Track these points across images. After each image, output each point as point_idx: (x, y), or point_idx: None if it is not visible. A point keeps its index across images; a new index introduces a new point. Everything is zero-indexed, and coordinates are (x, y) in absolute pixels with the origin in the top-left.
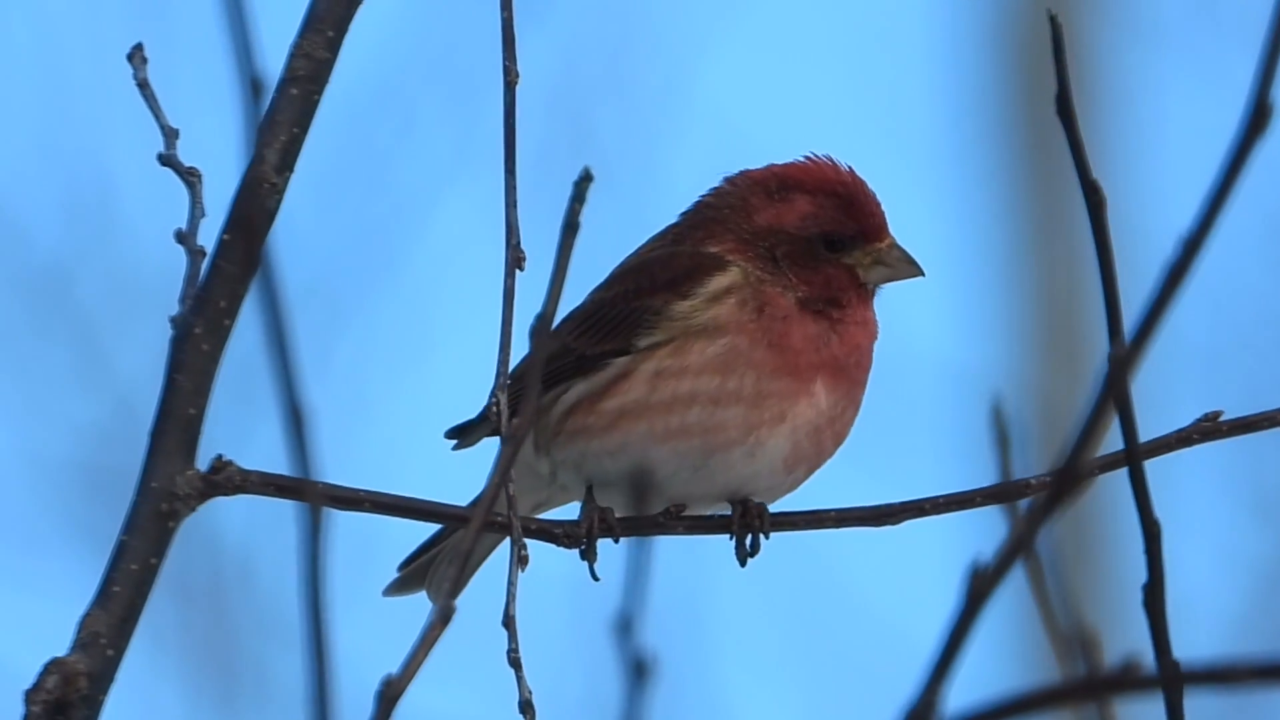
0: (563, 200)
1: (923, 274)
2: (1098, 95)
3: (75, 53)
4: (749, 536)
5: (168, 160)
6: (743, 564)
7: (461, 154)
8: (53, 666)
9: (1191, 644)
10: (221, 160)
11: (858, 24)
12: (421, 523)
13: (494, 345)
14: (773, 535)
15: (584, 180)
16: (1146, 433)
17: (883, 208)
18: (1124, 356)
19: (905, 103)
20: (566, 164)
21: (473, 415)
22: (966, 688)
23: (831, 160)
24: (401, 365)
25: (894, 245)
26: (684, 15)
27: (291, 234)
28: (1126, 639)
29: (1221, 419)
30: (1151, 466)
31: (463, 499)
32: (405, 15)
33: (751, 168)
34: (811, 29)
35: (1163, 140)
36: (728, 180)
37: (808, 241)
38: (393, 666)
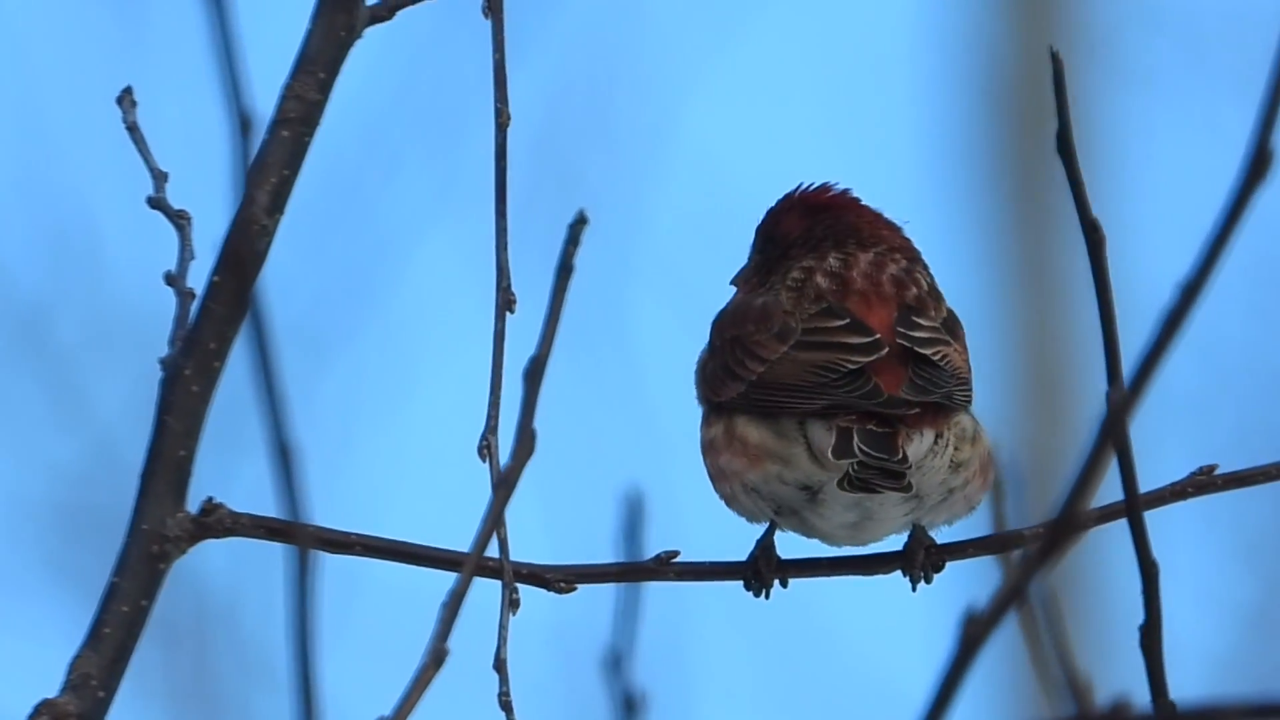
0: (546, 241)
1: None
2: (1083, 137)
3: (60, 92)
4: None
5: (157, 203)
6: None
7: (444, 193)
8: (44, 708)
9: (1178, 685)
10: (204, 202)
11: (843, 64)
12: (411, 566)
13: (476, 385)
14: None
15: (578, 223)
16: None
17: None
18: (1122, 402)
19: (890, 144)
20: (549, 205)
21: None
22: None
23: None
24: (385, 406)
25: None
26: (669, 56)
27: (274, 274)
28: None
29: (1216, 473)
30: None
31: (447, 538)
32: (389, 55)
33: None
34: (797, 69)
35: (1144, 183)
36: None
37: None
38: (383, 708)
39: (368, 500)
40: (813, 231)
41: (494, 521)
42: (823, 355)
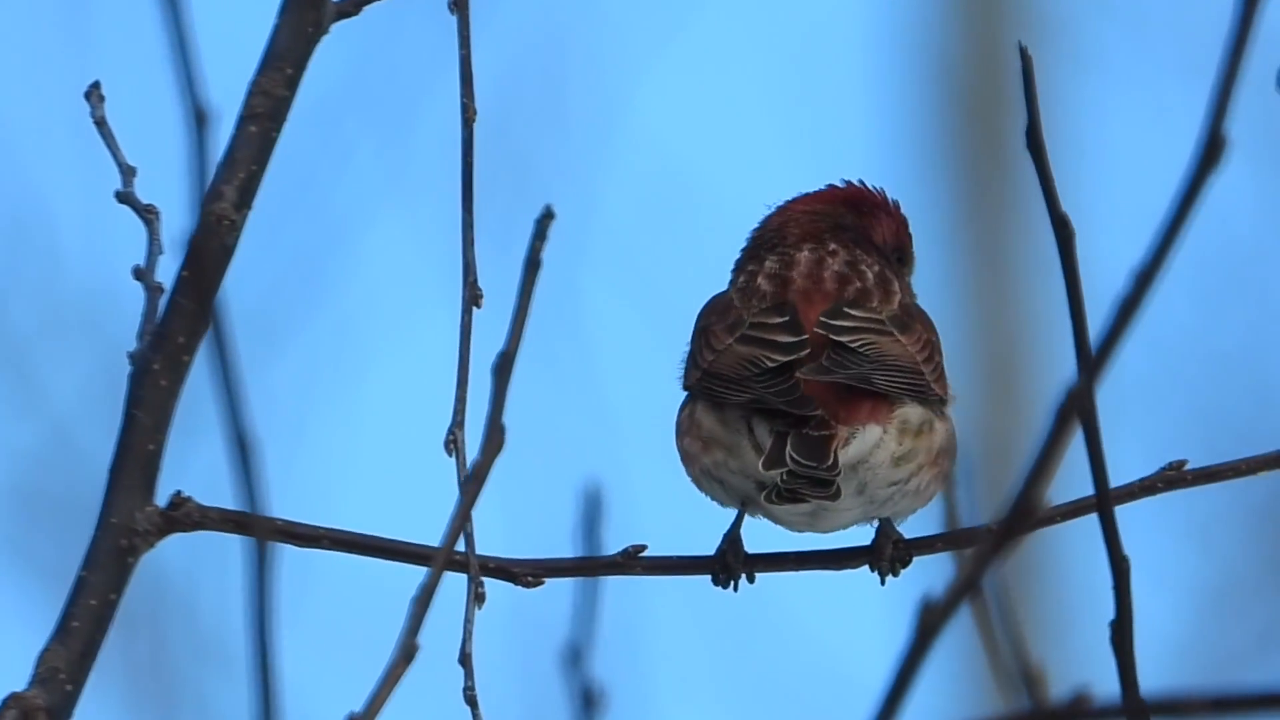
0: (501, 233)
1: None
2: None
3: (17, 86)
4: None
5: (125, 198)
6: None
7: (399, 184)
8: (11, 701)
9: (1139, 674)
10: (169, 197)
11: (796, 54)
12: (372, 559)
13: (434, 377)
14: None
15: (545, 218)
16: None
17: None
18: (1078, 389)
19: (844, 133)
20: (503, 197)
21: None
22: None
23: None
24: (341, 398)
25: None
26: (622, 47)
27: (231, 265)
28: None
29: (1187, 468)
30: None
31: (409, 531)
32: (347, 48)
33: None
34: (751, 59)
35: (1097, 170)
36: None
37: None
38: (345, 703)
39: (326, 492)
40: (779, 229)
41: (464, 516)
42: (752, 350)
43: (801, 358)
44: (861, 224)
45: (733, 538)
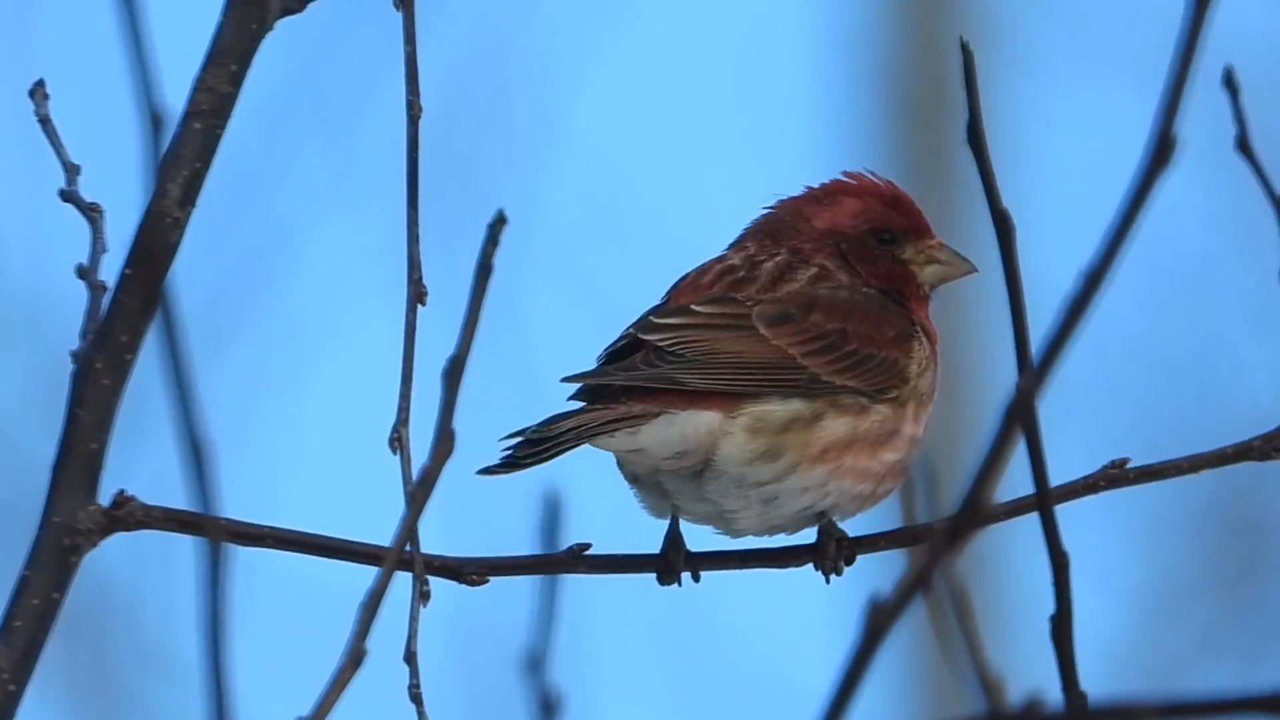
0: (444, 232)
1: (976, 270)
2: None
3: None
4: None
5: (69, 196)
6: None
7: (341, 182)
8: None
9: (1082, 674)
10: (112, 195)
11: (738, 55)
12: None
13: (377, 376)
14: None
15: (497, 223)
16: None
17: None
18: (1028, 388)
19: (785, 133)
20: (445, 196)
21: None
22: None
23: (868, 171)
24: (283, 396)
25: (943, 244)
26: (564, 47)
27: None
28: (1023, 671)
29: (1129, 466)
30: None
31: (354, 530)
32: (292, 45)
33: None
34: (693, 59)
35: (1041, 171)
36: (777, 200)
37: (862, 237)
38: (294, 705)
39: (271, 491)
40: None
41: (414, 519)
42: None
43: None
44: (825, 213)
45: (673, 536)
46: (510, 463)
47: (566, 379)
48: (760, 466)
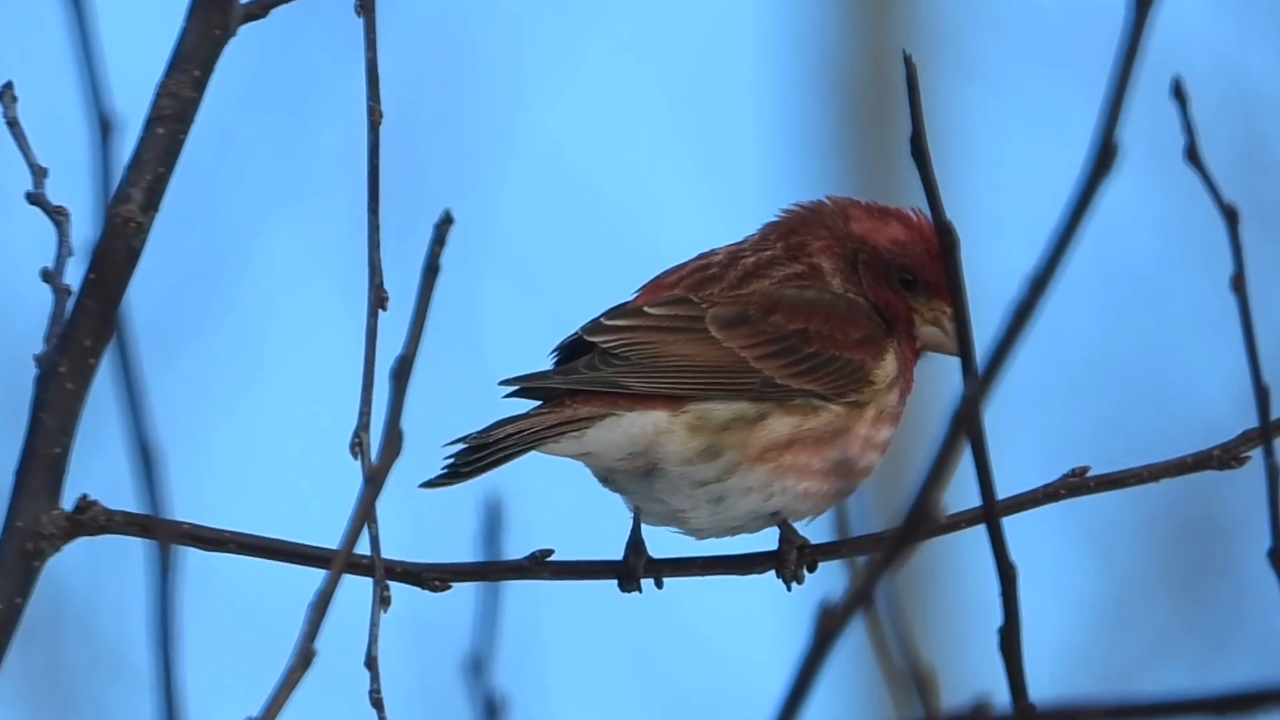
0: (406, 236)
1: (956, 355)
2: (928, 135)
3: None
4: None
5: (35, 199)
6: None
7: (296, 187)
8: None
9: (1033, 681)
10: (78, 198)
11: (689, 60)
12: (283, 564)
13: (334, 380)
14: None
15: (444, 223)
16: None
17: None
18: (974, 393)
19: (735, 139)
20: (399, 200)
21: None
22: None
23: (928, 219)
24: (240, 401)
25: (952, 317)
26: (517, 51)
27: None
28: (977, 680)
29: (1089, 475)
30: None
31: (318, 535)
32: (255, 50)
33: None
34: (645, 64)
35: (987, 179)
36: (829, 197)
37: (888, 265)
38: (251, 708)
39: (232, 497)
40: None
41: (362, 520)
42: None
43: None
44: (868, 223)
45: (634, 541)
46: (453, 473)
47: (504, 382)
48: (701, 465)
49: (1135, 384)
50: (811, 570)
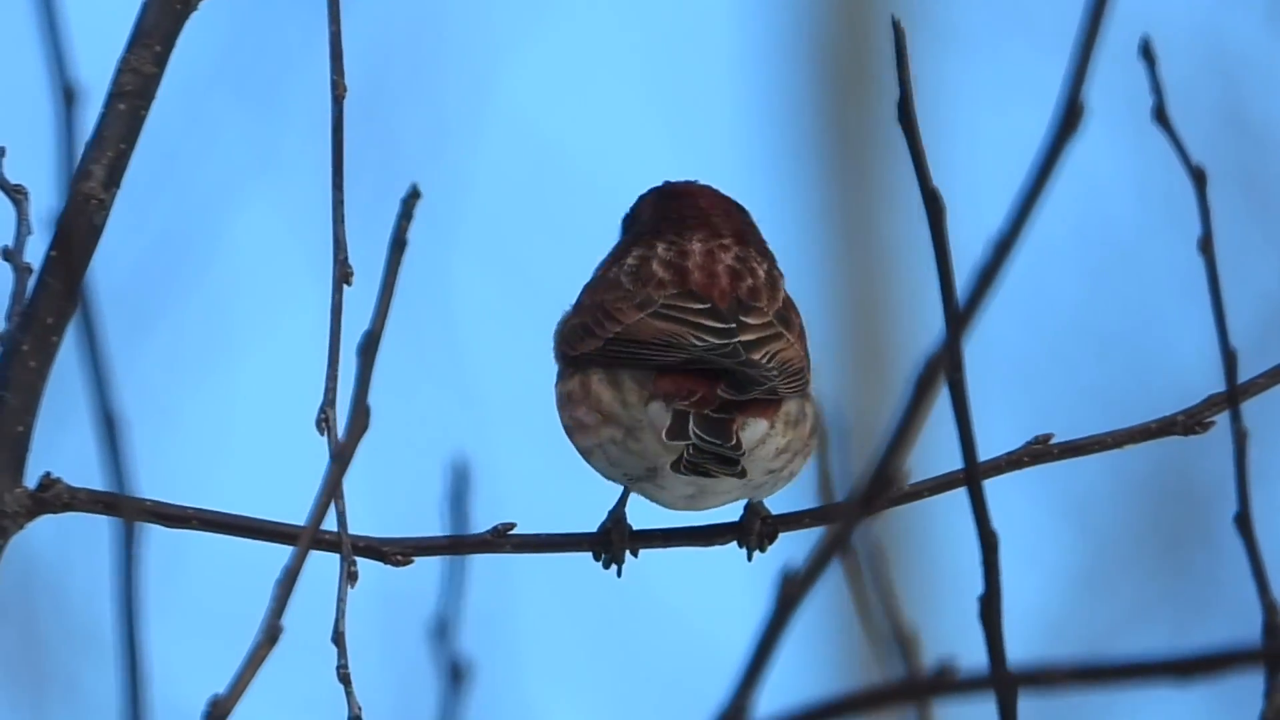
0: (369, 211)
1: None
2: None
3: None
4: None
5: None
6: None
7: (266, 162)
8: None
9: (1009, 649)
10: (36, 176)
11: (665, 31)
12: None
13: (303, 356)
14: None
15: (411, 197)
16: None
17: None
18: (938, 358)
19: (713, 110)
20: (370, 175)
21: (294, 428)
22: (785, 693)
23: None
24: (210, 377)
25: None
26: (490, 25)
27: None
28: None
29: (1052, 442)
30: None
31: (284, 511)
32: (217, 24)
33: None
34: (620, 37)
35: (961, 145)
36: (666, 183)
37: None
38: (217, 685)
39: (199, 473)
40: (665, 217)
41: (328, 496)
42: (673, 326)
43: (732, 344)
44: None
45: (617, 516)
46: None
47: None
48: (778, 458)
49: (1112, 350)
50: (773, 540)
